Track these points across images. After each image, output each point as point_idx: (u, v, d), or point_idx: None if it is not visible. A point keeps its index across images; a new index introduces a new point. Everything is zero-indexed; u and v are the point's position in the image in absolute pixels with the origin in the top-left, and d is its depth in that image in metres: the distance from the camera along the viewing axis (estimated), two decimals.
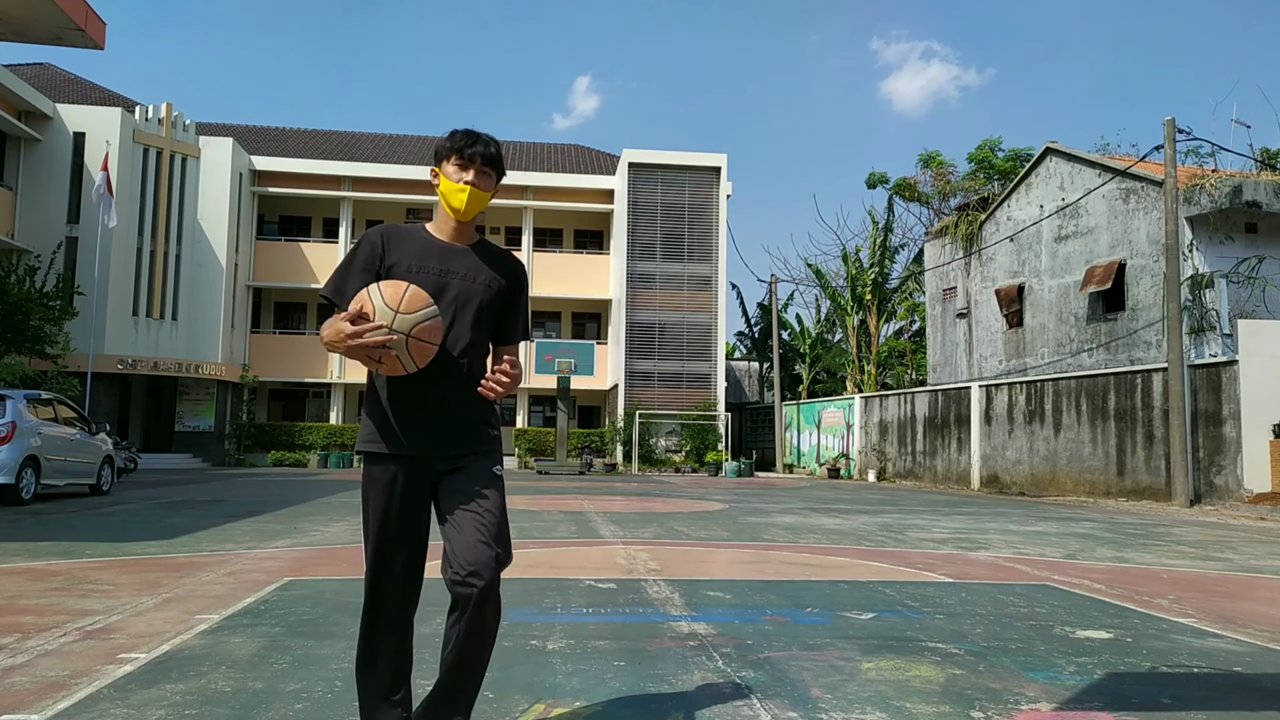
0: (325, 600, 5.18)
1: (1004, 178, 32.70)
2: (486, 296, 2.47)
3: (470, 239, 2.54)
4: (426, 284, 2.37)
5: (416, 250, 2.45)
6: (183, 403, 29.68)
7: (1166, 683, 3.63)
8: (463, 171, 2.45)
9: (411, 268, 2.41)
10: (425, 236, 2.50)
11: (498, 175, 2.53)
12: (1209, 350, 18.00)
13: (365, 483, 2.45)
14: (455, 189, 2.44)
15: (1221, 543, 9.63)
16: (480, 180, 2.46)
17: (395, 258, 2.42)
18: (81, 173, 26.71)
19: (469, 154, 2.45)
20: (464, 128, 2.52)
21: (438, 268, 2.43)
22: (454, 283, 2.43)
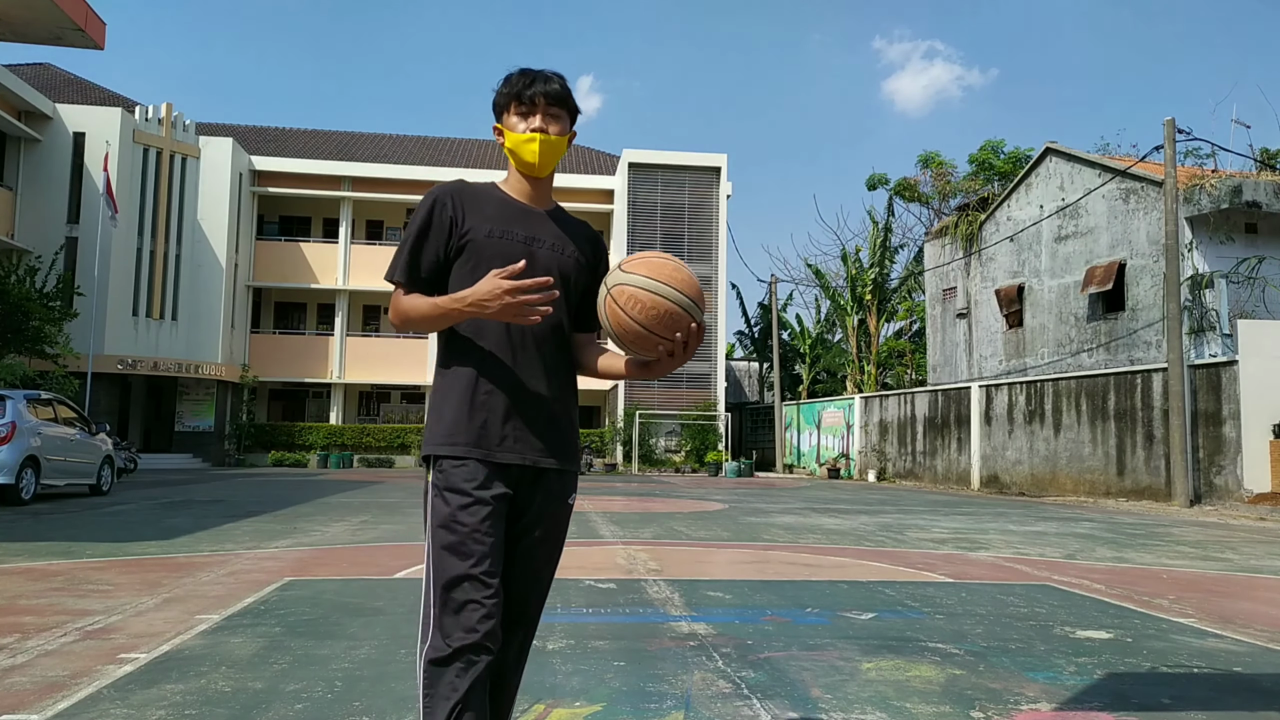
0: (325, 600, 5.18)
1: (1004, 178, 32.71)
2: (574, 272, 2.10)
3: (549, 202, 2.16)
4: (514, 252, 2.00)
5: (496, 213, 2.06)
6: (183, 403, 29.68)
7: (1166, 683, 3.63)
8: (528, 118, 2.06)
9: (493, 234, 2.03)
10: (502, 196, 2.11)
11: (570, 115, 2.12)
12: (1209, 350, 18.00)
13: (434, 488, 1.99)
14: (523, 141, 2.05)
15: (1221, 543, 9.63)
16: (550, 124, 2.07)
17: (473, 221, 2.03)
18: (81, 173, 26.71)
19: (529, 96, 2.06)
20: (521, 69, 2.12)
21: (523, 234, 2.05)
22: (541, 253, 2.05)
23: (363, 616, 4.71)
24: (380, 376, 32.42)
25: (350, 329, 32.74)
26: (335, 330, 32.30)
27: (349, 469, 29.35)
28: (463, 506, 1.92)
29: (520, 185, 2.12)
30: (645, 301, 1.89)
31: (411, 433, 31.49)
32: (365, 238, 33.77)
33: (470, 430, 1.97)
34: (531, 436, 2.00)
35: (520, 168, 2.10)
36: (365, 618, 4.68)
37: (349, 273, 32.31)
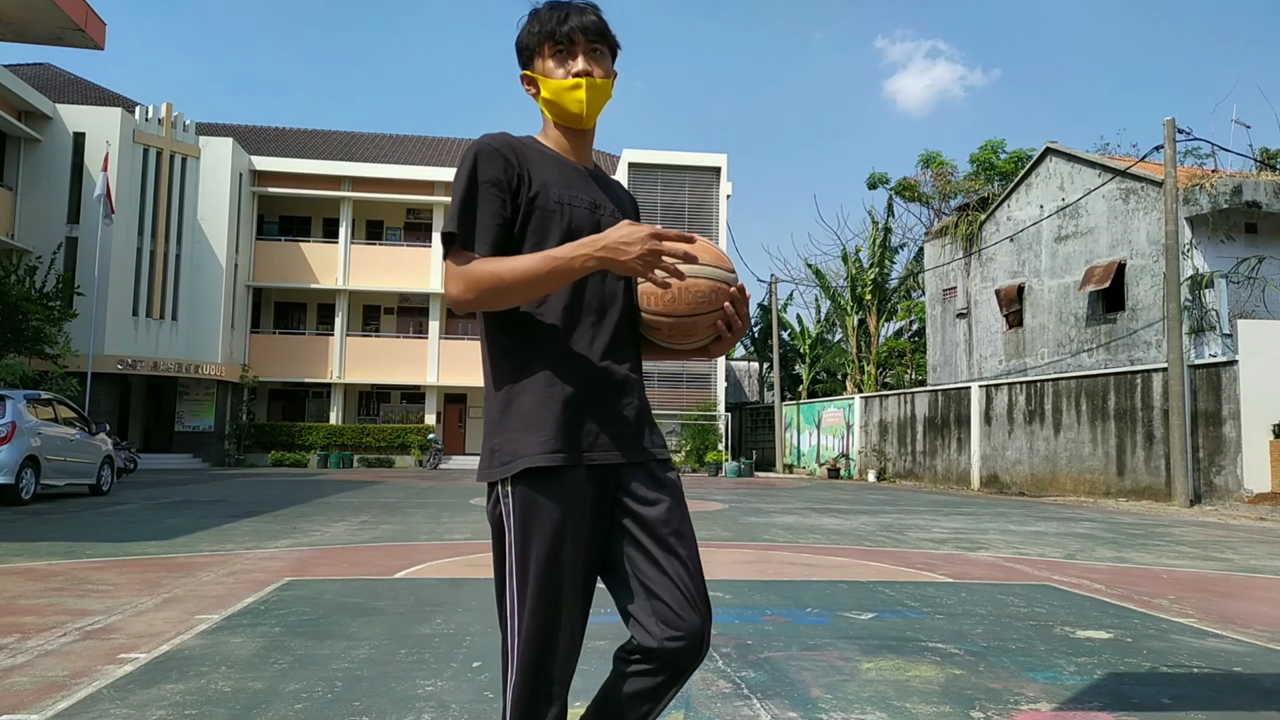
0: (325, 600, 5.18)
1: (1005, 178, 32.71)
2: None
3: (591, 160, 1.85)
4: (582, 221, 1.71)
5: (557, 175, 1.73)
6: (183, 403, 29.68)
7: (1166, 683, 3.63)
8: (567, 60, 1.73)
9: (563, 199, 1.71)
10: (554, 155, 1.77)
11: (611, 50, 1.79)
12: (1209, 350, 18.00)
13: (520, 516, 1.61)
14: (566, 87, 1.72)
15: (1221, 543, 9.63)
16: (594, 64, 1.74)
17: (539, 183, 1.69)
18: (81, 173, 26.71)
19: (566, 32, 1.72)
20: (547, 3, 1.76)
21: (587, 199, 1.75)
22: (605, 221, 1.74)
23: (363, 616, 4.72)
24: (380, 376, 32.43)
25: (350, 329, 32.74)
26: (335, 330, 32.30)
27: (349, 469, 29.35)
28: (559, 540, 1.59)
29: (561, 141, 1.79)
30: (674, 291, 1.66)
31: (411, 433, 31.49)
32: (365, 238, 33.78)
33: (559, 435, 1.62)
34: (628, 429, 1.71)
35: (562, 120, 1.77)
36: (365, 618, 4.68)
37: (349, 273, 32.32)
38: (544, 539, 1.59)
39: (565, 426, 1.62)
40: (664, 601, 1.63)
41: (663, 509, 1.69)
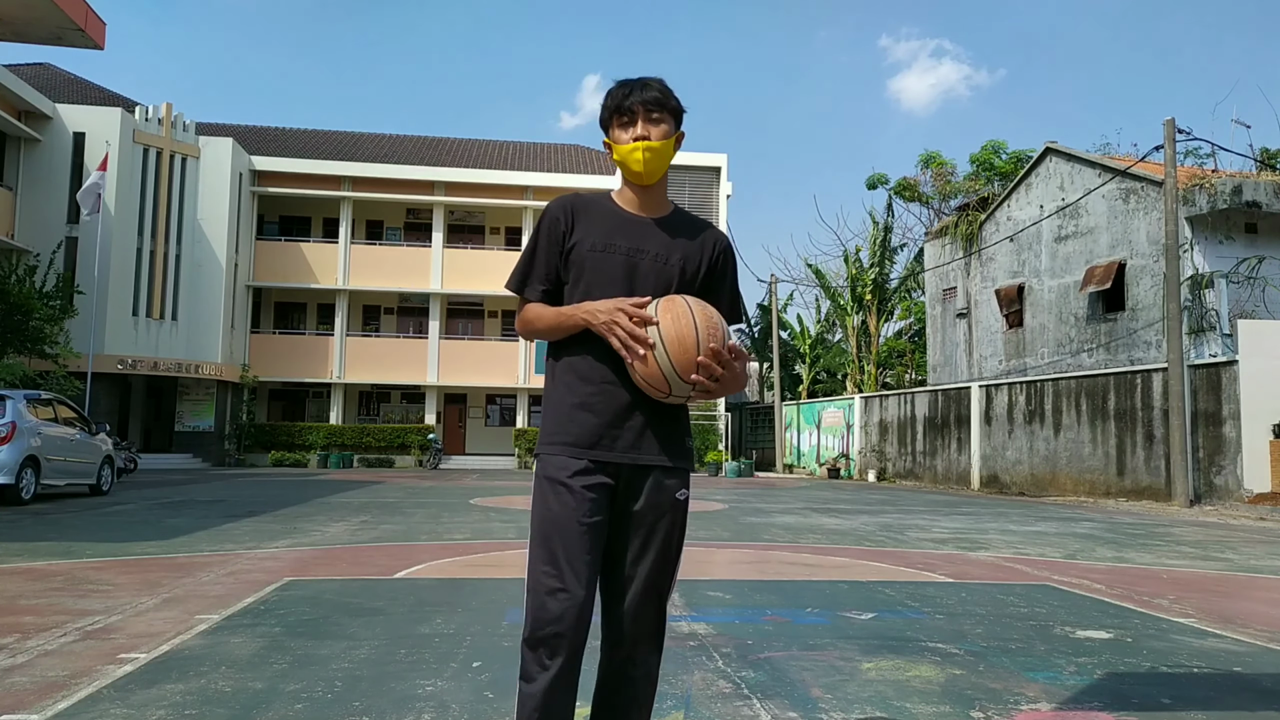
0: (325, 600, 5.18)
1: (1005, 178, 32.72)
2: (685, 275, 2.12)
3: (663, 209, 2.18)
4: (615, 265, 2.07)
5: (603, 225, 2.10)
6: (183, 403, 29.67)
7: (1166, 683, 3.63)
8: (629, 128, 2.10)
9: (596, 246, 2.08)
10: (612, 208, 2.15)
11: (674, 116, 2.13)
12: (1209, 350, 18.00)
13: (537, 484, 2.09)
14: (628, 150, 2.08)
15: (1221, 543, 9.63)
16: (653, 130, 2.09)
17: (580, 234, 2.09)
18: (81, 173, 26.68)
19: (629, 106, 2.09)
20: (620, 80, 2.15)
21: (626, 246, 2.09)
22: (644, 264, 2.09)
23: (363, 616, 4.72)
24: (380, 376, 32.42)
25: (350, 329, 32.74)
26: (335, 330, 32.29)
27: (349, 469, 29.35)
28: (557, 496, 2.02)
29: (630, 195, 2.16)
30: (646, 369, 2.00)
31: (411, 433, 31.49)
32: (365, 238, 33.77)
33: (570, 431, 2.05)
34: (634, 437, 2.06)
35: (629, 177, 2.14)
36: (365, 618, 4.68)
37: (349, 273, 32.31)
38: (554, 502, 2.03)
39: (577, 426, 2.05)
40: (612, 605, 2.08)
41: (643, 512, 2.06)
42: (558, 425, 2.06)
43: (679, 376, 1.96)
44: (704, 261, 2.16)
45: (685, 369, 1.96)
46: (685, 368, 1.96)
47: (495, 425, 34.74)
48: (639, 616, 2.06)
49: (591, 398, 2.05)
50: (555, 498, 2.01)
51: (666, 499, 2.06)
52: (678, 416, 2.12)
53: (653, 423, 2.07)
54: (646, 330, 1.96)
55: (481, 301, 34.13)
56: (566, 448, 2.03)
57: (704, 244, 2.17)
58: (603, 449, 2.03)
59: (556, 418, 2.07)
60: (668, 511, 2.06)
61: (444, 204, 32.99)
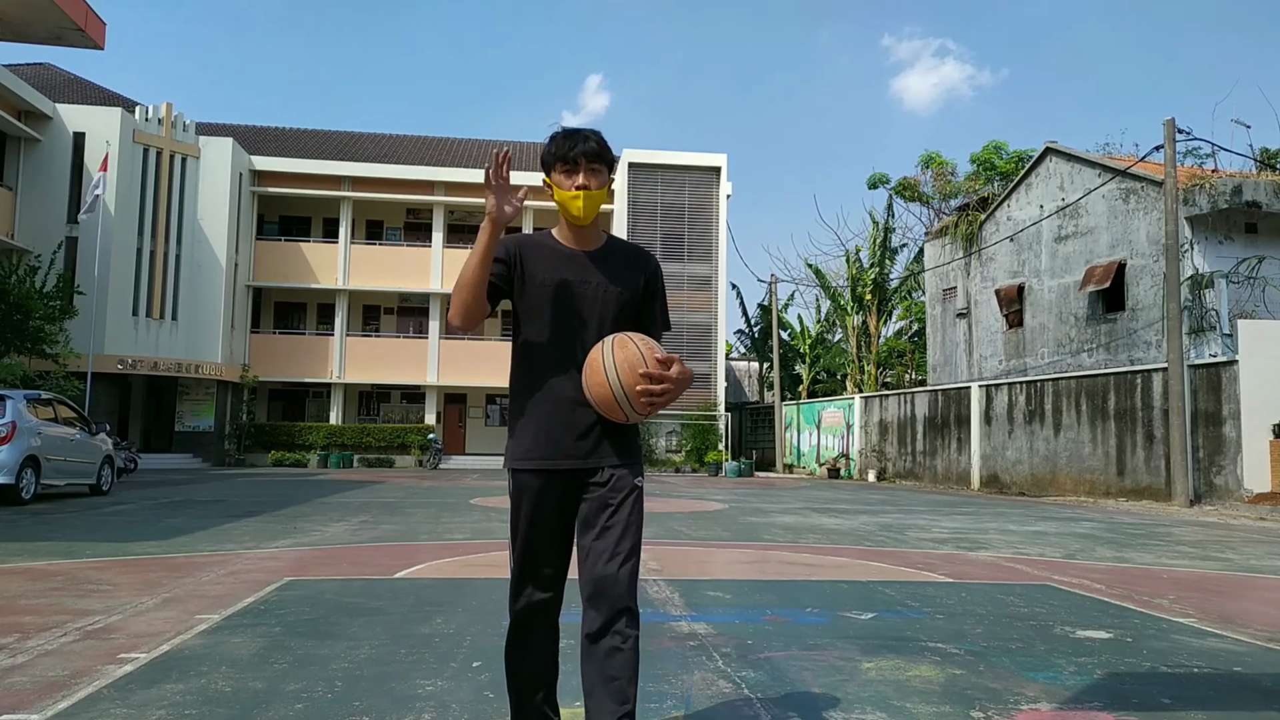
0: (325, 600, 5.18)
1: (1005, 179, 32.72)
2: (624, 300, 2.43)
3: (598, 241, 2.47)
4: (565, 296, 2.38)
5: (549, 261, 2.41)
6: (183, 403, 29.67)
7: (1166, 683, 3.63)
8: (571, 176, 2.39)
9: (546, 281, 2.38)
10: (554, 245, 2.45)
11: (608, 167, 2.44)
12: (1209, 350, 18.00)
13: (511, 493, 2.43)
14: (569, 197, 2.38)
15: (1221, 543, 9.63)
16: (592, 179, 2.39)
17: (530, 271, 2.39)
18: (81, 173, 26.69)
19: (573, 156, 2.38)
20: (560, 130, 2.45)
21: (574, 278, 2.40)
22: (589, 293, 2.40)
23: (363, 616, 4.72)
24: (380, 376, 32.42)
25: (350, 329, 32.74)
26: (335, 330, 32.30)
27: (349, 469, 29.35)
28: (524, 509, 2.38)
29: (568, 233, 2.45)
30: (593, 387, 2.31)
31: (411, 433, 31.49)
32: (365, 238, 33.78)
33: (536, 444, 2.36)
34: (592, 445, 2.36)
35: (569, 218, 2.42)
36: (365, 618, 4.68)
37: (349, 273, 32.32)
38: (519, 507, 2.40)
39: (534, 440, 2.37)
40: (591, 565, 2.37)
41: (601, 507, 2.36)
42: (529, 443, 2.36)
43: (629, 401, 2.25)
44: (641, 284, 2.48)
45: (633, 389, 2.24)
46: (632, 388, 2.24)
47: (495, 425, 34.73)
48: (610, 580, 2.31)
49: (553, 411, 2.35)
50: (519, 501, 2.37)
51: (624, 484, 2.36)
52: (626, 428, 2.42)
53: (605, 434, 2.36)
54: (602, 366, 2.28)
55: None
56: (536, 462, 2.34)
57: (638, 269, 2.49)
58: (567, 458, 2.34)
59: (522, 437, 2.38)
60: (624, 492, 2.35)
61: (444, 204, 32.99)
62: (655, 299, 2.52)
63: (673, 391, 2.28)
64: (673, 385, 2.26)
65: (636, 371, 2.23)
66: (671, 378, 2.26)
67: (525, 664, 2.45)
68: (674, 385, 2.26)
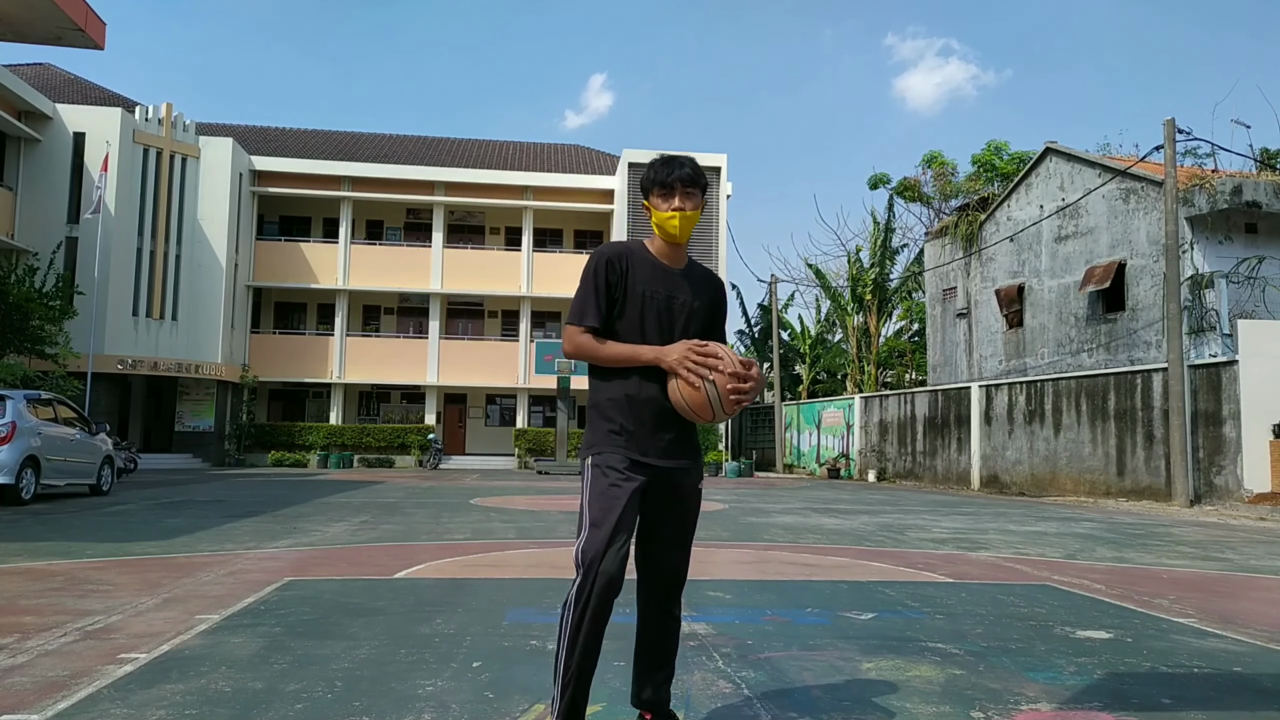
0: (325, 600, 5.18)
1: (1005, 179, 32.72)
2: (701, 314, 2.73)
3: (684, 260, 2.75)
4: (659, 307, 2.64)
5: (649, 273, 2.66)
6: (183, 403, 29.68)
7: (1166, 683, 3.63)
8: (669, 200, 2.65)
9: (645, 293, 2.63)
10: (652, 260, 2.69)
11: (702, 190, 2.70)
12: (1209, 350, 18.00)
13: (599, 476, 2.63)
14: (667, 218, 2.64)
15: (1221, 543, 9.63)
16: (687, 203, 2.65)
17: (633, 279, 2.64)
18: (81, 173, 26.71)
19: (670, 181, 2.64)
20: (662, 156, 2.71)
21: (665, 293, 2.66)
22: (678, 305, 2.68)
23: (363, 616, 4.72)
24: (380, 376, 32.43)
25: (350, 329, 32.75)
26: (335, 330, 32.30)
27: (349, 469, 29.35)
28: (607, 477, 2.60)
29: (663, 249, 2.72)
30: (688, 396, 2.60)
31: (411, 433, 31.49)
32: (365, 238, 33.78)
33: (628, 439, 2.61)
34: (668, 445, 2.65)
35: (664, 238, 2.69)
36: (365, 618, 4.68)
37: (349, 273, 32.32)
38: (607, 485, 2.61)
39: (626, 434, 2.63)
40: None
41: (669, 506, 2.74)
42: (621, 438, 2.61)
43: (720, 402, 2.55)
44: (713, 303, 2.79)
45: (724, 389, 2.55)
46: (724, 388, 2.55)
47: (495, 425, 34.74)
48: (675, 566, 2.76)
49: (640, 414, 2.60)
50: (605, 478, 2.57)
51: (690, 488, 2.75)
52: (692, 429, 2.72)
53: (680, 434, 2.67)
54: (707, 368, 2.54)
55: (481, 301, 34.14)
56: (618, 449, 2.59)
57: (710, 286, 2.80)
58: (644, 455, 2.60)
59: (608, 429, 2.62)
60: (689, 497, 2.76)
61: (444, 204, 32.99)
62: (720, 314, 2.84)
63: (755, 391, 2.60)
64: (755, 385, 2.57)
65: (727, 374, 2.53)
66: (755, 378, 2.57)
67: (600, 626, 2.54)
68: (756, 385, 2.58)
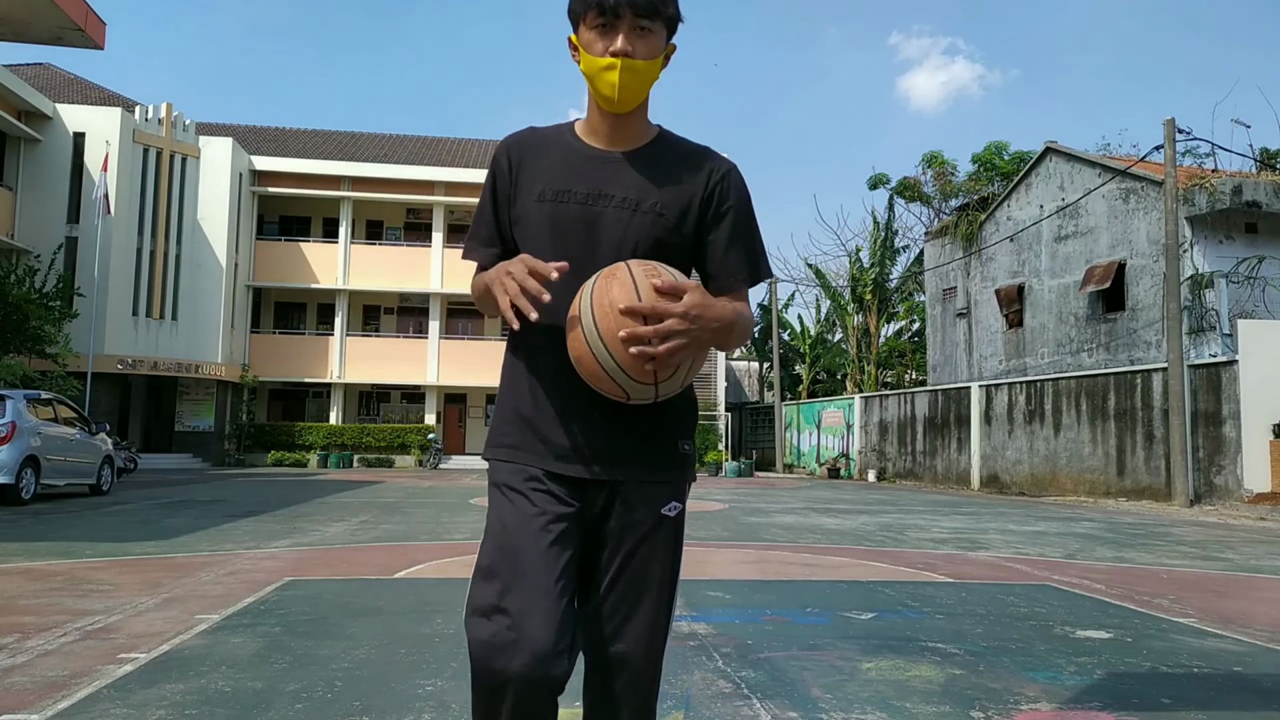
0: (325, 600, 5.18)
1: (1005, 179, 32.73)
2: (664, 227, 1.59)
3: (640, 137, 1.66)
4: (568, 219, 1.59)
5: (556, 167, 1.62)
6: (183, 403, 29.68)
7: (1166, 683, 3.63)
8: (607, 35, 1.56)
9: (546, 194, 1.61)
10: (571, 143, 1.66)
11: (668, 26, 1.61)
12: (1209, 350, 18.00)
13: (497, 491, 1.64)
14: (601, 67, 1.56)
15: (1221, 543, 9.63)
16: (638, 44, 1.56)
17: (526, 182, 1.63)
18: (81, 173, 26.71)
19: (611, 5, 1.54)
20: None
21: (585, 191, 1.60)
22: (608, 213, 1.59)
23: (363, 616, 4.72)
24: (380, 376, 32.42)
25: (350, 329, 32.75)
26: (335, 330, 32.30)
27: (349, 469, 29.35)
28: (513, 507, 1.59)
29: (598, 123, 1.65)
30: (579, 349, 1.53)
31: (411, 433, 31.49)
32: (365, 238, 33.78)
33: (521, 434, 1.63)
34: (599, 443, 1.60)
35: (599, 100, 1.62)
36: (365, 618, 4.68)
37: (349, 273, 32.32)
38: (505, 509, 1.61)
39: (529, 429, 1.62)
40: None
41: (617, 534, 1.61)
42: (506, 431, 1.65)
43: (609, 354, 1.46)
44: (696, 201, 1.61)
45: (611, 338, 1.45)
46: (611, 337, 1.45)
47: None
48: (625, 655, 1.60)
49: (546, 392, 1.61)
50: (507, 503, 1.59)
51: (646, 513, 1.60)
52: (661, 413, 1.61)
53: (615, 425, 1.59)
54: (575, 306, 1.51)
55: None
56: (518, 452, 1.61)
57: (696, 178, 1.63)
58: (562, 461, 1.59)
59: (505, 422, 1.66)
60: (639, 528, 1.60)
61: (444, 204, 32.98)
62: (724, 221, 1.64)
63: (683, 334, 1.44)
64: (680, 323, 1.43)
65: (617, 309, 1.44)
66: (674, 311, 1.43)
67: None
68: (681, 323, 1.43)
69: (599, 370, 1.48)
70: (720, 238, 1.65)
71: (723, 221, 1.65)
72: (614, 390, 1.50)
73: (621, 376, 1.48)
